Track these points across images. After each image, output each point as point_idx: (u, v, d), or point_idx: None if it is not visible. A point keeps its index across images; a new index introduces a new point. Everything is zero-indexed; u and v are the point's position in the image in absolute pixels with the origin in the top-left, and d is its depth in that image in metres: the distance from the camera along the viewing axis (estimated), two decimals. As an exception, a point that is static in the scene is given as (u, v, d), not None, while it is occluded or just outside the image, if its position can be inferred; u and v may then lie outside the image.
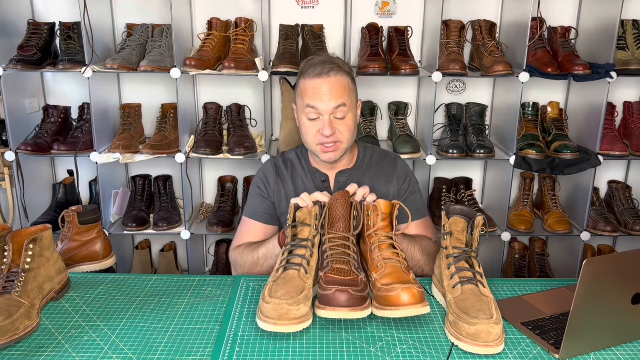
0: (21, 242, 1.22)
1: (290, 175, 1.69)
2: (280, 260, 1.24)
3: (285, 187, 1.67)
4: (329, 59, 1.58)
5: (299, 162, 1.71)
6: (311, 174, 1.68)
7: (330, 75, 1.54)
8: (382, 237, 1.26)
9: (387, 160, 1.72)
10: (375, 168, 1.69)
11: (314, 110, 1.54)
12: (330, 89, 1.53)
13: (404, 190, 1.69)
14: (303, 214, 1.30)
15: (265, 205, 1.67)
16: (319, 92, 1.53)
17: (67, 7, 2.41)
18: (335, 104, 1.53)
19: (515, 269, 2.61)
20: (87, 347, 1.12)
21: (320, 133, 1.54)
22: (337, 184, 1.66)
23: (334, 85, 1.54)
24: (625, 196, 2.51)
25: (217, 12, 2.43)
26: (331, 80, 1.53)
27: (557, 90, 2.56)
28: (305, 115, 1.56)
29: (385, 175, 1.69)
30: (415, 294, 1.11)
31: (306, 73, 1.57)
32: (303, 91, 1.57)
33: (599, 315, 1.09)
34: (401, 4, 2.47)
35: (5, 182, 2.48)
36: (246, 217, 1.69)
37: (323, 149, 1.57)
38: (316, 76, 1.54)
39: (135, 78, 2.52)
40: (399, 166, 1.71)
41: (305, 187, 1.66)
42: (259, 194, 1.68)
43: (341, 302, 1.07)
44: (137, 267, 2.65)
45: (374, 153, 1.74)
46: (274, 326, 1.07)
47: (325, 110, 1.53)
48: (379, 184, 1.67)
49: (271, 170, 1.70)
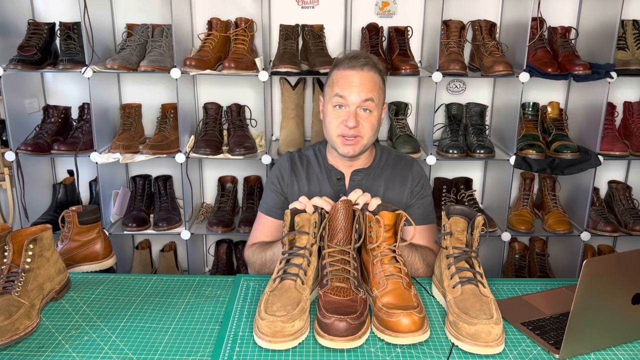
0: (21, 242, 1.22)
1: (306, 171, 1.69)
2: (277, 270, 1.23)
3: (299, 182, 1.67)
4: (364, 54, 1.62)
5: (316, 159, 1.71)
6: (327, 171, 1.68)
7: (363, 69, 1.56)
8: (384, 250, 1.25)
9: (404, 163, 1.72)
10: (392, 169, 1.69)
11: (342, 100, 1.56)
12: (361, 82, 1.55)
13: (416, 192, 1.68)
14: (302, 220, 1.28)
15: (279, 200, 1.68)
16: (350, 82, 1.55)
17: (67, 7, 2.41)
18: (365, 96, 1.55)
19: (515, 269, 2.61)
20: (87, 347, 1.11)
21: (343, 124, 1.56)
22: (352, 183, 1.66)
23: (366, 79, 1.56)
24: (625, 196, 2.51)
25: (217, 12, 2.43)
26: (363, 74, 1.56)
27: (557, 90, 2.56)
28: (332, 104, 1.58)
29: (401, 177, 1.68)
30: (415, 321, 1.10)
31: (340, 64, 1.59)
32: (334, 81, 1.59)
33: (599, 315, 1.09)
34: (401, 4, 2.47)
35: (5, 182, 2.49)
36: (261, 212, 1.70)
37: (343, 141, 1.58)
38: (349, 67, 1.56)
39: (135, 78, 2.52)
40: (414, 169, 1.71)
41: (319, 184, 1.67)
42: (272, 189, 1.69)
43: (340, 331, 1.08)
44: (137, 267, 2.65)
45: (390, 155, 1.74)
46: (269, 343, 1.08)
47: (353, 102, 1.55)
48: (394, 185, 1.66)
49: (286, 166, 1.71)
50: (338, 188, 1.65)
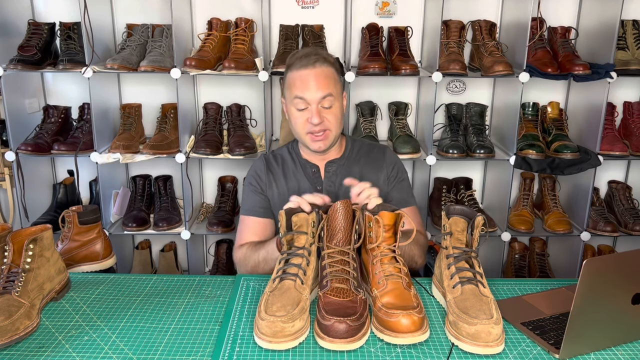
0: (21, 242, 1.22)
1: (282, 169, 1.73)
2: (277, 270, 1.23)
3: (277, 181, 1.71)
4: (313, 51, 1.64)
5: (290, 156, 1.75)
6: (302, 165, 1.73)
7: (315, 66, 1.58)
8: (384, 250, 1.25)
9: (376, 150, 1.77)
10: (365, 158, 1.74)
11: (302, 101, 1.59)
12: (316, 79, 1.58)
13: (393, 177, 1.73)
14: (300, 220, 1.28)
15: (260, 199, 1.71)
16: (306, 82, 1.58)
17: (67, 7, 2.41)
18: (322, 93, 1.58)
19: (515, 269, 2.61)
20: (87, 347, 1.12)
21: (309, 122, 1.59)
22: (327, 174, 1.70)
23: (320, 75, 1.58)
24: (625, 196, 2.51)
25: (217, 12, 2.43)
26: (317, 71, 1.58)
27: (557, 90, 2.56)
28: (294, 106, 1.61)
29: (375, 164, 1.73)
30: (415, 321, 1.10)
31: (292, 66, 1.62)
32: (291, 83, 1.62)
33: (599, 315, 1.09)
34: (401, 4, 2.47)
35: (5, 182, 2.49)
36: (243, 215, 1.71)
37: (312, 138, 1.62)
38: (302, 67, 1.59)
39: (135, 78, 2.52)
40: (387, 155, 1.76)
41: (297, 179, 1.71)
42: (252, 190, 1.72)
43: (340, 333, 1.08)
44: (137, 267, 2.65)
45: (362, 144, 1.79)
46: (269, 343, 1.08)
47: (313, 100, 1.58)
48: (369, 172, 1.70)
49: (262, 166, 1.74)
50: (314, 180, 1.70)
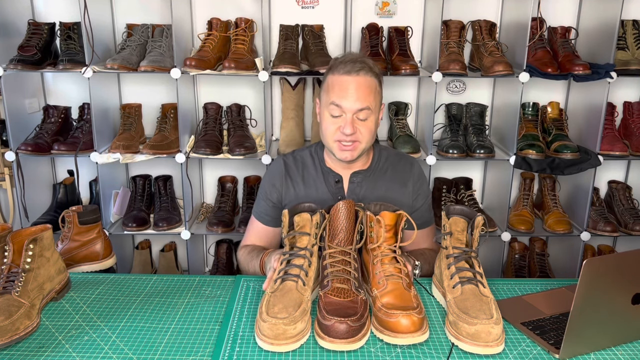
0: (21, 242, 1.22)
1: (302, 174, 1.66)
2: (278, 270, 1.23)
3: (296, 186, 1.65)
4: (360, 58, 1.56)
5: (312, 162, 1.68)
6: (324, 174, 1.66)
7: (359, 75, 1.51)
8: (385, 251, 1.25)
9: (404, 162, 1.70)
10: (391, 170, 1.67)
11: (338, 108, 1.52)
12: (357, 89, 1.51)
13: (418, 192, 1.67)
14: (302, 221, 1.28)
15: (267, 207, 1.68)
16: (346, 90, 1.51)
17: (67, 7, 2.41)
18: (361, 105, 1.51)
19: (515, 269, 2.61)
20: (87, 347, 1.12)
21: (340, 130, 1.53)
22: (352, 185, 1.64)
23: (361, 85, 1.51)
24: (625, 196, 2.51)
25: (217, 12, 2.43)
26: (359, 80, 1.51)
27: (557, 90, 2.56)
28: (329, 111, 1.54)
29: (401, 178, 1.66)
30: (415, 322, 1.10)
31: (335, 69, 1.55)
32: (330, 87, 1.55)
33: (599, 315, 1.09)
34: (401, 4, 2.47)
35: (5, 182, 2.48)
36: (253, 216, 1.72)
37: (340, 147, 1.55)
38: (345, 73, 1.52)
39: (135, 78, 2.52)
40: (415, 168, 1.70)
41: (316, 188, 1.64)
42: (262, 197, 1.69)
43: (340, 333, 1.08)
44: (137, 267, 2.65)
45: (389, 154, 1.71)
46: (271, 346, 1.08)
47: (349, 110, 1.51)
48: (394, 186, 1.65)
49: (280, 170, 1.68)
50: (336, 191, 1.63)
